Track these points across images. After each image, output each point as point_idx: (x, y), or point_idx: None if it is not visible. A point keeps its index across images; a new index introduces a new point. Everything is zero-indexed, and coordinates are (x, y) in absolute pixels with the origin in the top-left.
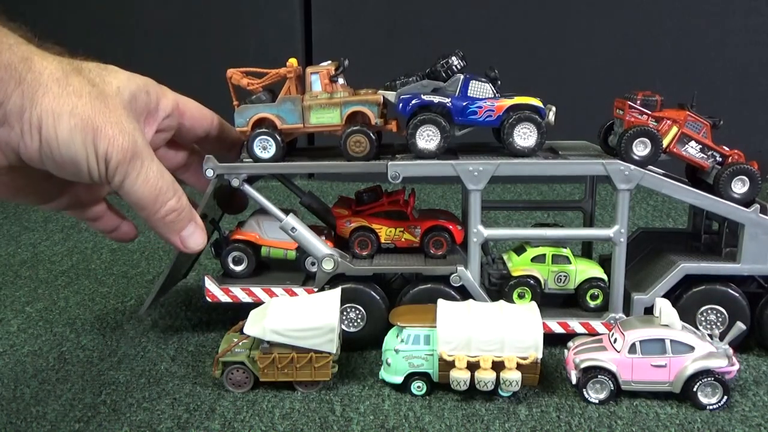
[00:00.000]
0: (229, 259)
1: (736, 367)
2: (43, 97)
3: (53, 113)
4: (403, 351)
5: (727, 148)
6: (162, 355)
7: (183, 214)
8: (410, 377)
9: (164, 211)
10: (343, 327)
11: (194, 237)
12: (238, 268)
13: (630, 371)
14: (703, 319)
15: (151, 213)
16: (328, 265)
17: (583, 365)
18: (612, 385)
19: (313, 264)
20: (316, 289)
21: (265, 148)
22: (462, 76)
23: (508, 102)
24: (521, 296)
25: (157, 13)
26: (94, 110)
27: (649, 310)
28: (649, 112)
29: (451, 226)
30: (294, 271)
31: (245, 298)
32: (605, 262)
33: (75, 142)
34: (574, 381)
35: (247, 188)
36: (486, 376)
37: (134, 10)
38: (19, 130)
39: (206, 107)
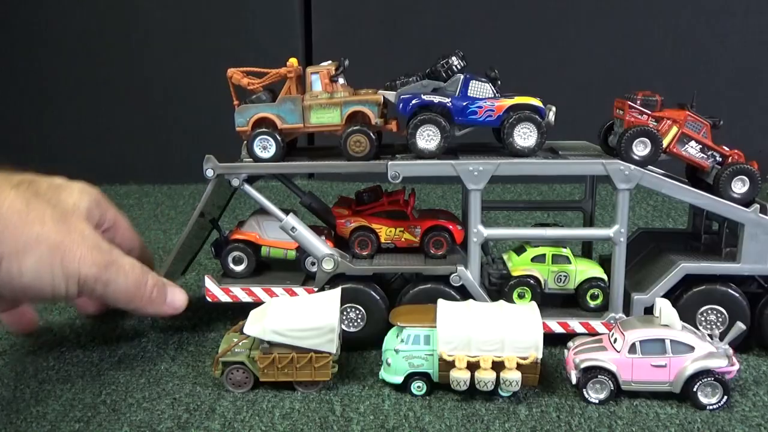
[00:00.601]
0: (229, 259)
1: (736, 367)
2: (3, 232)
3: (16, 251)
4: (403, 351)
5: (727, 148)
6: (162, 355)
7: (160, 284)
8: (410, 377)
9: (148, 291)
10: (343, 327)
11: (177, 297)
12: (238, 268)
13: (630, 371)
14: (703, 319)
15: (138, 300)
16: (328, 265)
17: (583, 365)
18: (612, 385)
19: (313, 264)
20: (316, 289)
21: (265, 147)
22: (462, 76)
23: (508, 102)
24: (521, 296)
25: (157, 13)
26: (59, 234)
27: (649, 310)
28: (649, 112)
29: (451, 226)
30: (294, 271)
31: (245, 297)
32: (605, 262)
33: (41, 273)
34: (574, 381)
35: (247, 188)
36: (486, 376)
37: (134, 10)
38: None
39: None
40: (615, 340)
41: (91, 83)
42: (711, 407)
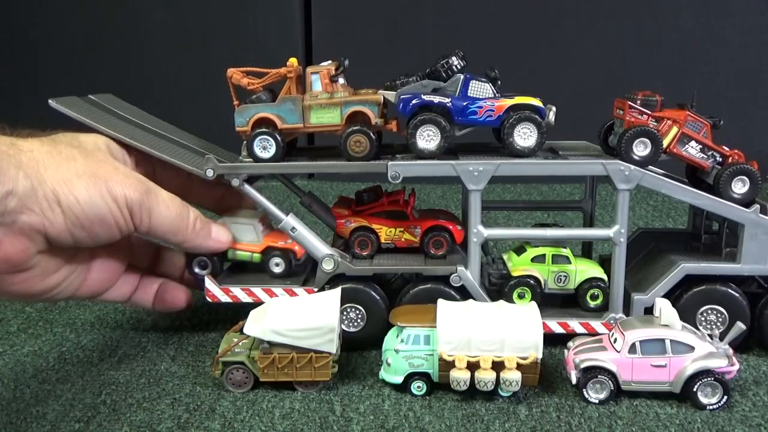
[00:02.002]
0: (195, 265)
1: (736, 367)
2: (46, 172)
3: (64, 181)
4: (403, 351)
5: (727, 148)
6: (162, 355)
7: (202, 218)
8: (410, 377)
9: (191, 223)
10: (343, 327)
11: (222, 232)
12: (204, 272)
13: (630, 371)
14: (703, 319)
15: (183, 232)
16: (328, 266)
17: (583, 365)
18: (612, 385)
19: (277, 266)
20: (316, 289)
21: (265, 147)
22: (462, 76)
23: (508, 102)
24: (521, 296)
25: (157, 13)
26: (93, 166)
27: (649, 310)
28: (650, 112)
29: (451, 226)
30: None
31: (245, 298)
32: (605, 262)
33: (94, 199)
34: (574, 381)
35: (247, 188)
36: (486, 376)
37: (134, 10)
38: (40, 210)
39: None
40: (615, 340)
41: (91, 83)
42: (711, 407)
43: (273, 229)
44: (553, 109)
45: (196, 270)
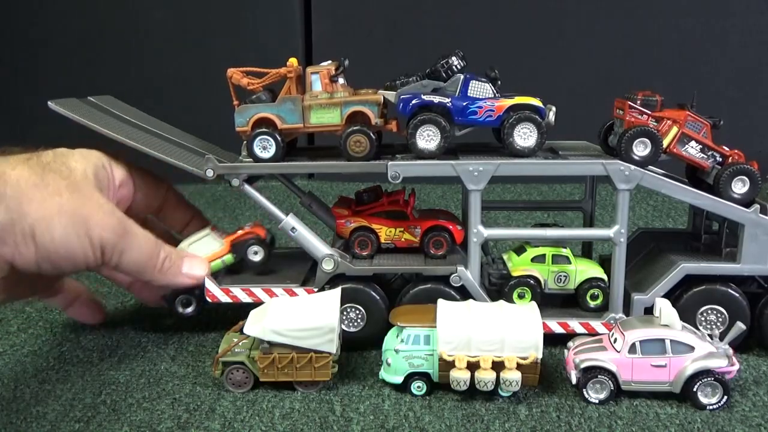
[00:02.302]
0: (177, 304)
1: (736, 367)
2: (29, 206)
3: (44, 219)
4: (403, 351)
5: (727, 148)
6: (162, 355)
7: (174, 256)
8: (410, 377)
9: (160, 262)
10: (343, 327)
11: (195, 267)
12: (187, 310)
13: (630, 371)
14: (703, 319)
15: (150, 272)
16: (328, 265)
17: (583, 365)
18: (612, 385)
19: (255, 254)
20: (316, 289)
21: (265, 147)
22: (462, 76)
23: (508, 102)
24: (521, 296)
25: (157, 12)
26: (77, 203)
27: (649, 310)
28: (650, 112)
29: (451, 226)
30: (294, 270)
31: (245, 298)
32: (605, 263)
33: (70, 238)
34: (574, 381)
35: (247, 188)
36: (486, 376)
37: (134, 9)
38: (13, 243)
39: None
40: (615, 340)
41: (91, 83)
42: (711, 407)
43: (226, 232)
44: (553, 109)
45: (179, 309)
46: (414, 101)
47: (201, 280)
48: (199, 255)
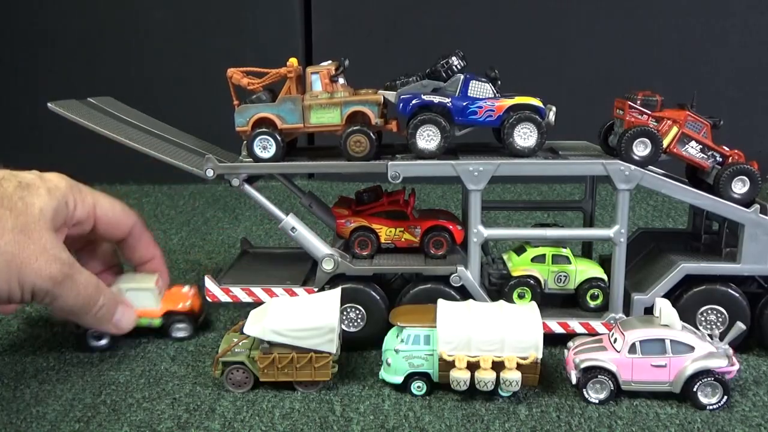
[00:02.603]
0: (89, 337)
1: (736, 367)
2: None
3: None
4: (403, 351)
5: (727, 149)
6: (162, 355)
7: (109, 303)
8: (410, 377)
9: (95, 310)
10: (343, 327)
11: (125, 318)
12: (99, 343)
13: (630, 371)
14: (703, 319)
15: (82, 316)
16: (328, 265)
17: (583, 365)
18: (612, 385)
19: (179, 330)
20: (316, 289)
21: (265, 147)
22: (462, 76)
23: (508, 102)
24: (521, 296)
25: (157, 12)
26: (18, 246)
27: (649, 310)
28: (650, 112)
29: (451, 226)
30: (294, 270)
31: (245, 298)
32: (605, 263)
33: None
34: (574, 381)
35: (247, 188)
36: (486, 376)
37: (134, 9)
38: None
39: (126, 210)
40: (615, 340)
41: (91, 82)
42: (711, 407)
43: (169, 289)
44: (553, 109)
45: (92, 342)
46: (414, 101)
47: (124, 331)
48: (132, 305)
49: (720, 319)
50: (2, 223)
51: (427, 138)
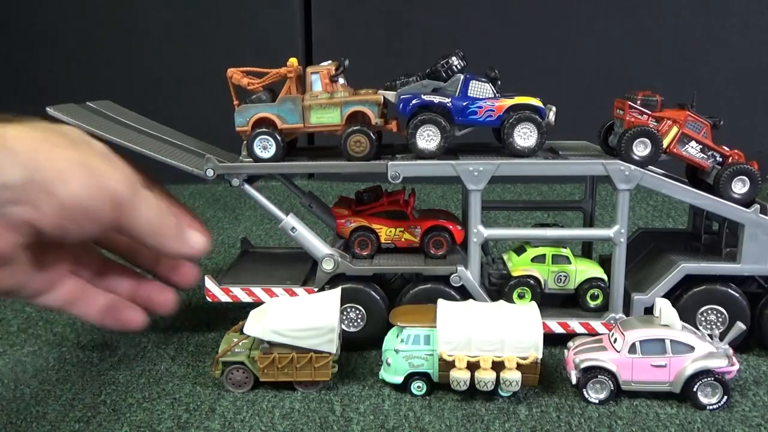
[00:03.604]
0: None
1: (736, 367)
2: (43, 158)
3: (60, 171)
4: (403, 351)
5: (727, 149)
6: (162, 355)
7: (179, 219)
8: (410, 377)
9: (172, 223)
10: (344, 327)
11: (196, 239)
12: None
13: (630, 371)
14: (703, 319)
15: (163, 232)
16: (328, 265)
17: (583, 365)
18: (612, 385)
19: None
20: (316, 289)
21: (265, 147)
22: (462, 76)
23: (508, 102)
24: (521, 296)
25: (157, 12)
26: (83, 155)
27: (649, 310)
28: (650, 112)
29: (451, 226)
30: (294, 270)
31: (245, 298)
32: (605, 263)
33: (89, 191)
34: (574, 381)
35: (247, 188)
36: (486, 376)
37: (134, 9)
38: (34, 200)
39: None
40: (615, 340)
41: (91, 83)
42: (711, 407)
43: None
44: (553, 109)
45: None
46: (414, 101)
47: (200, 252)
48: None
49: (720, 319)
50: (60, 139)
51: (427, 138)
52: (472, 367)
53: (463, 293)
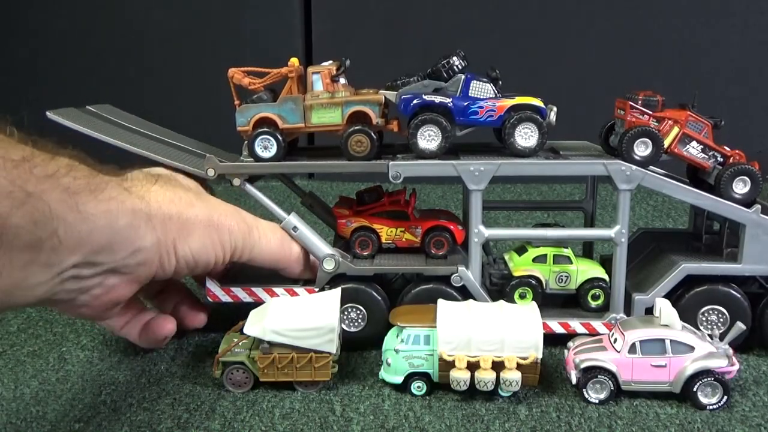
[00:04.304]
0: None
1: (736, 367)
2: (170, 223)
3: (183, 232)
4: (403, 351)
5: (728, 149)
6: (162, 355)
7: (295, 242)
8: (410, 377)
9: (294, 253)
10: (344, 327)
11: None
12: None
13: (630, 371)
14: (704, 319)
15: (285, 260)
16: (329, 265)
17: (583, 365)
18: (612, 385)
19: None
20: (316, 289)
21: (266, 147)
22: (463, 76)
23: (509, 102)
24: (522, 296)
25: (157, 13)
26: (207, 211)
27: (650, 311)
28: (651, 113)
29: (452, 226)
30: None
31: (246, 297)
32: (606, 263)
33: (207, 249)
34: (574, 381)
35: (249, 188)
36: (486, 376)
37: (134, 9)
38: (158, 261)
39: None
40: (615, 340)
41: (91, 83)
42: (711, 407)
43: None
44: (554, 109)
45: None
46: (415, 101)
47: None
48: None
49: (721, 320)
50: (187, 196)
51: (428, 138)
52: (472, 367)
53: (464, 293)
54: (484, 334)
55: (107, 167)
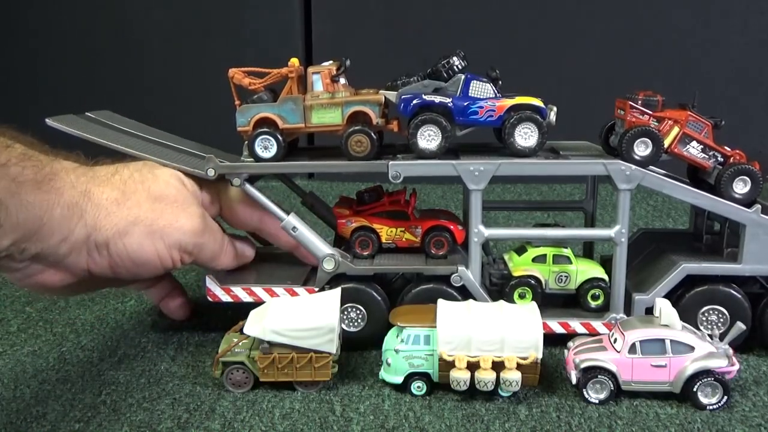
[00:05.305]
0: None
1: (736, 367)
2: (106, 219)
3: (118, 231)
4: (403, 351)
5: (728, 149)
6: (162, 355)
7: (229, 239)
8: (410, 377)
9: (225, 247)
10: (344, 327)
11: (246, 249)
12: None
13: (630, 371)
14: (704, 319)
15: (218, 258)
16: (329, 265)
17: (583, 365)
18: (612, 385)
19: None
20: (316, 289)
21: (266, 147)
22: (463, 76)
23: (509, 102)
24: (522, 296)
25: (157, 13)
26: (155, 213)
27: (650, 311)
28: (651, 112)
29: (452, 226)
30: (295, 270)
31: (246, 297)
32: (606, 263)
33: (144, 248)
34: (574, 381)
35: (249, 188)
36: (486, 376)
37: (134, 10)
38: (86, 253)
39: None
40: (615, 340)
41: (91, 83)
42: (711, 407)
43: None
44: (554, 109)
45: None
46: (415, 101)
47: (249, 260)
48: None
49: (721, 320)
50: (136, 197)
51: (428, 138)
52: (472, 367)
53: (464, 293)
54: (484, 334)
55: (74, 156)
